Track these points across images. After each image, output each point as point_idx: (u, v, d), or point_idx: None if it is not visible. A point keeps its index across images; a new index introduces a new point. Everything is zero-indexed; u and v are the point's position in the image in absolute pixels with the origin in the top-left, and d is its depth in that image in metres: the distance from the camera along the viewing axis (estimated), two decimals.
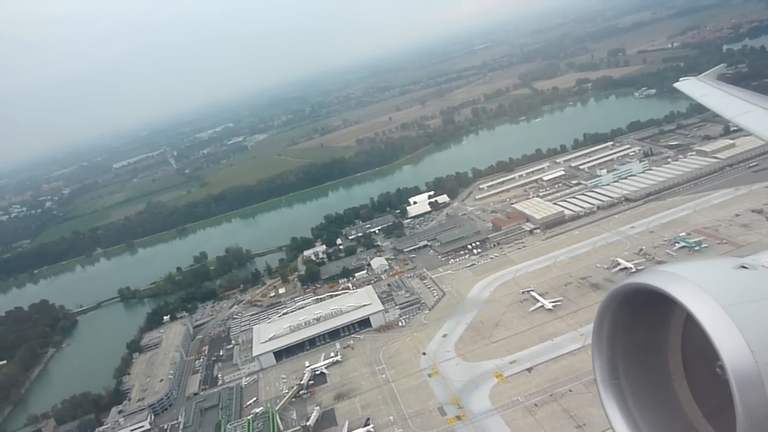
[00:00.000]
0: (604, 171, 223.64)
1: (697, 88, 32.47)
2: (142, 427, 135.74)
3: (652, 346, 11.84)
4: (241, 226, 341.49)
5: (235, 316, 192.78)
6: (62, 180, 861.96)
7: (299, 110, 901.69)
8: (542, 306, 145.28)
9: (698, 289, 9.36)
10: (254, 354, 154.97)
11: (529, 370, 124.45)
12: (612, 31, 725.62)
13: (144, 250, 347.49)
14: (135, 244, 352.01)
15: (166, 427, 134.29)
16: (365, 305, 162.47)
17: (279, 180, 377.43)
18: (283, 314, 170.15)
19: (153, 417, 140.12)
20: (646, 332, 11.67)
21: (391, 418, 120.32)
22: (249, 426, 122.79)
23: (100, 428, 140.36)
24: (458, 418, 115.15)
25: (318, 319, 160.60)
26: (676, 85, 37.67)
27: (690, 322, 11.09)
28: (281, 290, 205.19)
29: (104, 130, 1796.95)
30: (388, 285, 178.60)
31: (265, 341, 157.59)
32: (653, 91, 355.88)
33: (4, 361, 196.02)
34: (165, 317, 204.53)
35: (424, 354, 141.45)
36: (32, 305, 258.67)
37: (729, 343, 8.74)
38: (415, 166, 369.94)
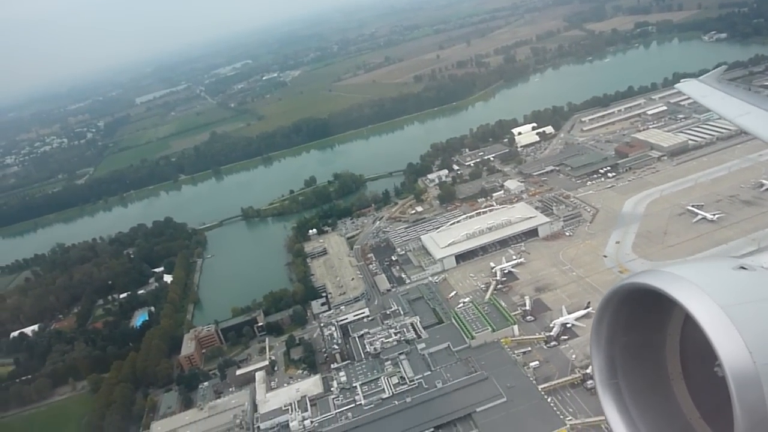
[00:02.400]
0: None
1: (699, 89, 32.50)
2: (363, 312, 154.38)
3: (651, 346, 11.81)
4: (326, 155, 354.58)
5: (386, 230, 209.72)
6: (87, 113, 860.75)
7: (325, 47, 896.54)
8: (704, 218, 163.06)
9: (697, 289, 9.33)
10: (437, 257, 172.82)
11: None
12: None
13: (230, 177, 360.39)
14: (221, 170, 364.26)
15: (388, 312, 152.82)
16: (531, 217, 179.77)
17: (355, 112, 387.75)
18: (451, 225, 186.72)
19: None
20: (644, 332, 11.64)
21: None
22: (476, 308, 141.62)
23: (325, 313, 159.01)
24: None
25: (490, 228, 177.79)
26: (678, 86, 39.19)
27: (689, 323, 10.91)
28: (419, 209, 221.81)
29: (102, 66, 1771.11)
30: (540, 201, 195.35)
31: (445, 246, 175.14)
32: (724, 35, 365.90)
33: (171, 277, 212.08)
34: (311, 231, 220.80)
35: (605, 257, 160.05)
36: (155, 222, 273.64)
37: (727, 344, 8.73)
38: (486, 102, 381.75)
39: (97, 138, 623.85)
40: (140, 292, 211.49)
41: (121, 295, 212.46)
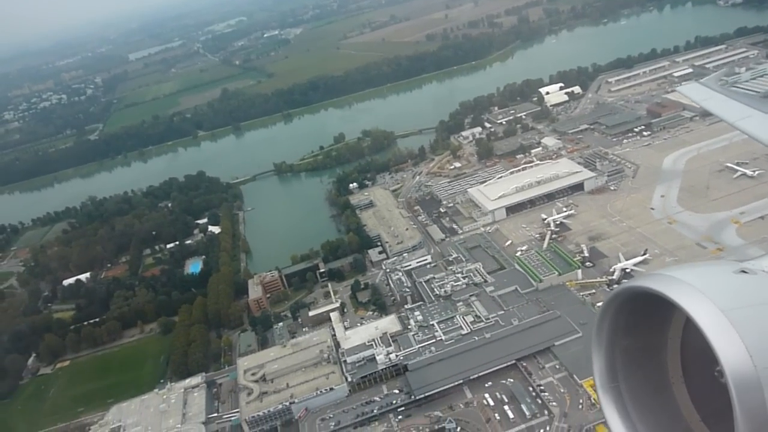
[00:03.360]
0: (743, 69, 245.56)
1: (699, 92, 32.56)
2: (426, 259, 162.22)
3: (652, 350, 11.83)
4: (348, 113, 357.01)
5: (428, 184, 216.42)
6: (80, 69, 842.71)
7: (324, 5, 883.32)
8: (744, 174, 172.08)
9: (698, 293, 9.39)
10: (489, 209, 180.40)
11: (763, 217, 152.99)
12: None
13: (251, 133, 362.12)
14: (241, 127, 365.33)
15: (450, 259, 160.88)
16: (577, 171, 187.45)
17: (373, 71, 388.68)
18: (498, 179, 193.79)
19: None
20: (645, 336, 11.66)
21: (656, 251, 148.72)
22: (539, 254, 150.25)
23: (387, 260, 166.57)
24: (719, 249, 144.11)
25: (539, 182, 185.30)
26: (679, 88, 39.36)
27: (689, 326, 10.89)
28: (456, 164, 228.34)
29: (84, 20, 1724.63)
30: (581, 157, 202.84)
31: (496, 198, 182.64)
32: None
33: (218, 227, 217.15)
34: (351, 185, 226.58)
35: (652, 209, 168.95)
36: (187, 176, 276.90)
37: (728, 348, 8.77)
38: (504, 63, 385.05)
39: (98, 94, 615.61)
40: (188, 242, 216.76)
41: (168, 246, 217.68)
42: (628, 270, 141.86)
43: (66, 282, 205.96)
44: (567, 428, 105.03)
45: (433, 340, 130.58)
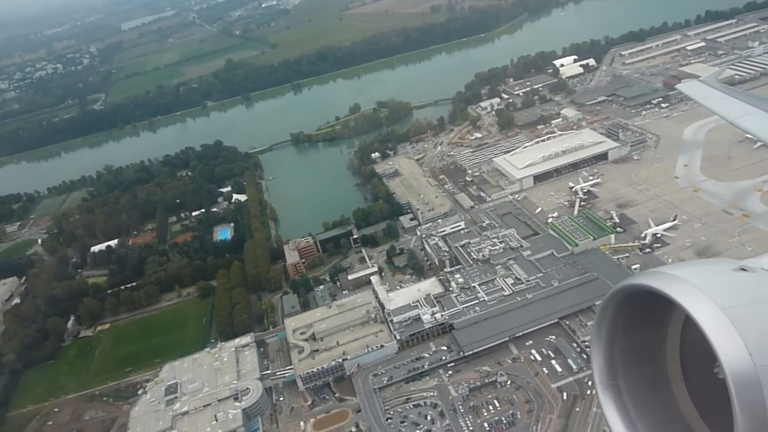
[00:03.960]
0: (756, 43, 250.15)
1: (699, 90, 32.60)
2: (459, 225, 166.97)
3: (651, 348, 11.87)
4: (358, 84, 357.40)
5: (451, 153, 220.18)
6: (71, 39, 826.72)
7: None
8: (764, 144, 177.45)
9: (698, 290, 9.41)
10: (517, 177, 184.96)
11: None
12: None
13: (261, 104, 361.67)
14: (251, 97, 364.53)
15: (484, 225, 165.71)
16: (601, 142, 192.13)
17: (382, 42, 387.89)
18: (524, 148, 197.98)
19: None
20: (644, 333, 11.70)
21: (684, 217, 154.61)
22: (572, 220, 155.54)
23: (422, 226, 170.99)
24: (745, 216, 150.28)
25: (565, 152, 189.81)
26: (679, 86, 40.25)
27: (689, 324, 10.93)
28: (477, 135, 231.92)
29: None
30: (603, 128, 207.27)
31: (523, 167, 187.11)
32: None
33: (241, 195, 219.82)
34: (373, 154, 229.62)
35: (676, 178, 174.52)
36: (204, 145, 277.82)
37: (727, 346, 8.79)
38: (512, 35, 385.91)
39: (94, 64, 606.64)
40: (213, 210, 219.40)
41: (193, 213, 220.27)
42: (658, 235, 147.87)
43: (94, 249, 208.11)
44: None
45: (476, 301, 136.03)
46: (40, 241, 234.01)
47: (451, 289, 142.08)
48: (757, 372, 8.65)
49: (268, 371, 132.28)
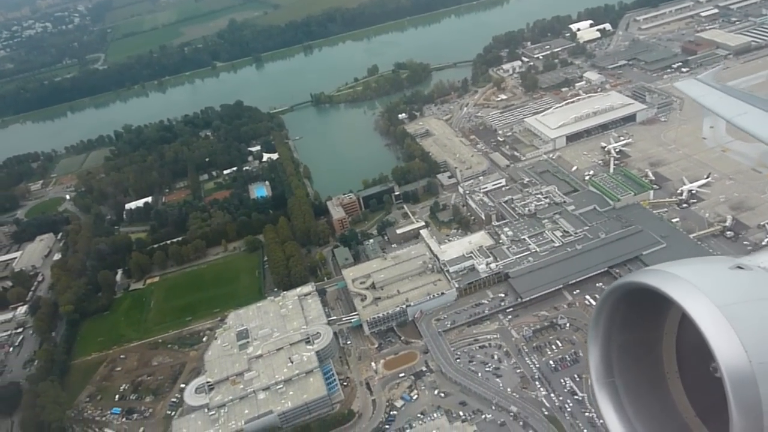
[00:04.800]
0: None
1: (696, 88, 32.69)
2: (500, 182, 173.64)
3: (647, 345, 11.92)
4: (369, 45, 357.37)
5: (478, 114, 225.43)
6: None
7: None
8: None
9: (694, 288, 9.49)
10: (551, 137, 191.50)
11: None
12: None
13: (272, 65, 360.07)
14: (261, 58, 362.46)
15: (525, 182, 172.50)
16: (630, 104, 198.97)
17: (392, 3, 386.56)
18: (555, 109, 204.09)
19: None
20: (641, 331, 11.79)
21: (716, 175, 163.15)
22: (611, 177, 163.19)
23: (464, 183, 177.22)
24: None
25: (595, 113, 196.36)
26: (676, 84, 40.79)
27: (685, 322, 10.96)
28: (502, 96, 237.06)
29: None
30: (628, 90, 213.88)
31: (556, 127, 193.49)
32: None
33: (274, 154, 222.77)
34: (400, 115, 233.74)
35: (704, 138, 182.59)
36: (223, 105, 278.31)
37: (724, 343, 8.86)
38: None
39: (86, 23, 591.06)
40: (245, 168, 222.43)
41: (224, 172, 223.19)
42: (693, 191, 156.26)
43: (128, 206, 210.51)
44: None
45: (527, 252, 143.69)
46: (68, 197, 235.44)
47: (501, 241, 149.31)
48: (753, 369, 8.64)
49: (333, 317, 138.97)
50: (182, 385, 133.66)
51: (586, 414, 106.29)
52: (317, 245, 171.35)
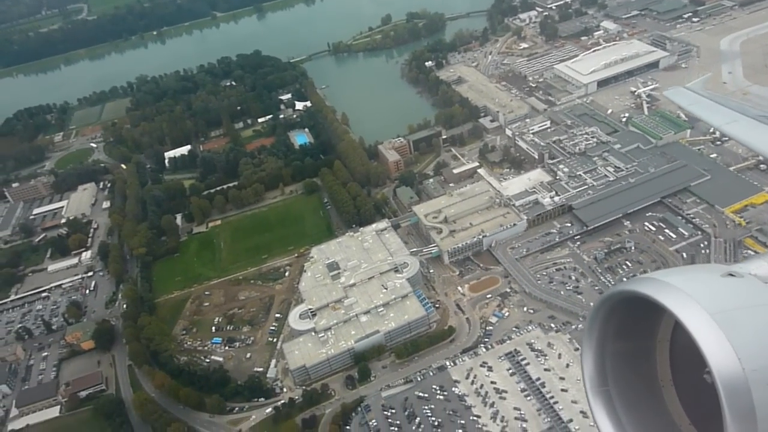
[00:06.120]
0: None
1: (685, 96, 32.62)
2: (546, 124, 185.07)
3: (641, 353, 11.95)
4: None
5: (504, 62, 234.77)
6: None
7: None
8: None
9: (686, 296, 9.55)
10: (584, 82, 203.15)
11: None
12: None
13: (274, 15, 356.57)
14: (263, 8, 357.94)
15: (568, 123, 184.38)
16: (652, 51, 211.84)
17: None
18: (583, 56, 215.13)
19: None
20: (634, 339, 11.80)
21: None
22: (650, 117, 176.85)
23: (510, 126, 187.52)
24: None
25: (623, 59, 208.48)
26: (666, 93, 39.93)
27: (678, 330, 11.09)
28: (523, 45, 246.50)
29: None
30: (647, 38, 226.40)
31: (588, 73, 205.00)
32: None
33: (307, 102, 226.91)
34: (426, 63, 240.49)
35: (724, 83, 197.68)
36: (240, 54, 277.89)
37: (717, 351, 8.89)
38: None
39: None
40: (281, 116, 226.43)
41: (259, 120, 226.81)
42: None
43: (168, 154, 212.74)
44: (723, 241, 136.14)
45: (585, 186, 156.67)
46: (93, 145, 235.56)
47: (558, 177, 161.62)
48: (746, 377, 8.72)
49: (414, 249, 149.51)
50: (277, 315, 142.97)
51: None
52: (375, 186, 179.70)
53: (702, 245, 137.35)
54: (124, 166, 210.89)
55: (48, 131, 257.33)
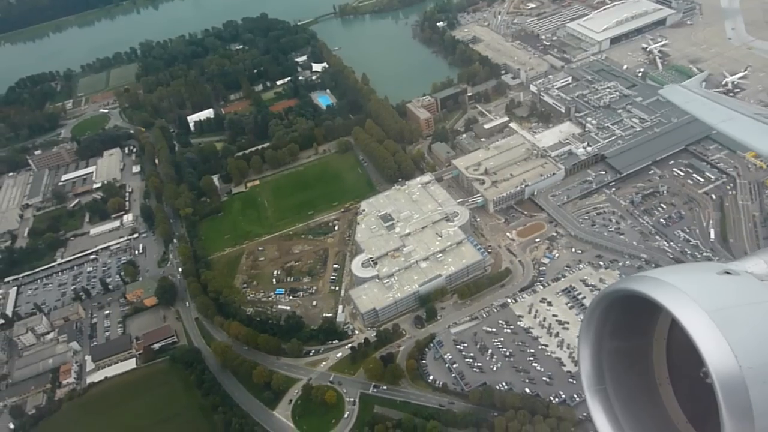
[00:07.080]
0: None
1: (681, 95, 32.65)
2: (568, 80, 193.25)
3: (638, 352, 12.01)
4: None
5: (515, 22, 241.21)
6: None
7: None
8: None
9: (683, 294, 9.57)
10: (598, 40, 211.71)
11: None
12: None
13: None
14: None
15: (589, 78, 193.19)
16: (660, 8, 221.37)
17: None
18: (595, 14, 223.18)
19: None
20: (631, 338, 11.86)
21: (750, 68, 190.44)
22: (668, 73, 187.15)
23: (534, 82, 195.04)
24: None
25: (633, 17, 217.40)
26: (660, 91, 40.49)
27: (675, 328, 11.03)
28: (531, 4, 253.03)
29: None
30: None
31: (601, 31, 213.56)
32: None
33: (324, 63, 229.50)
34: (438, 23, 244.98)
35: (729, 39, 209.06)
36: (246, 18, 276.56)
37: (713, 348, 8.91)
38: None
39: None
40: (300, 78, 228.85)
41: (278, 82, 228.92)
42: (735, 82, 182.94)
43: (192, 118, 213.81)
44: (747, 183, 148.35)
45: (614, 137, 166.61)
46: (105, 110, 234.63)
47: (587, 129, 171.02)
48: (743, 374, 8.74)
49: (461, 199, 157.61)
50: (335, 266, 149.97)
51: (705, 254, 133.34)
52: (408, 143, 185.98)
53: (729, 187, 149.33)
54: (143, 129, 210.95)
55: (54, 99, 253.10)
